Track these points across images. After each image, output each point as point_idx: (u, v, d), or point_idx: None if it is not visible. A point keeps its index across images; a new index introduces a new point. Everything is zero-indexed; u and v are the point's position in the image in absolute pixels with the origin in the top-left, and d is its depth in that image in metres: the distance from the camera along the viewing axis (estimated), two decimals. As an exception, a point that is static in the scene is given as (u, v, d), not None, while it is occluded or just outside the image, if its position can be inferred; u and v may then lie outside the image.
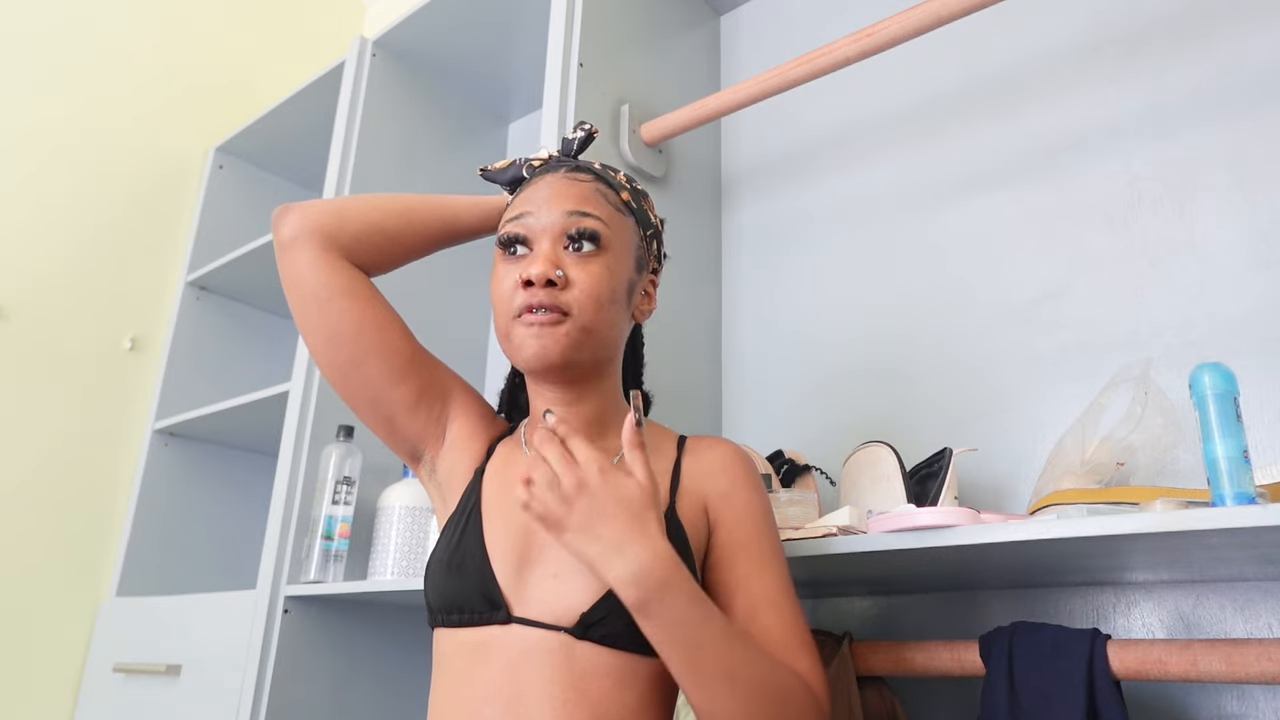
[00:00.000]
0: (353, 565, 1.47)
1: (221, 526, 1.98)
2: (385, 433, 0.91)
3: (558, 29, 1.40)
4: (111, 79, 2.02)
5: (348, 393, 0.89)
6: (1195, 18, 1.19)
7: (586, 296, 0.80)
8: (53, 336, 1.86)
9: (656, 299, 0.93)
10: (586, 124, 0.92)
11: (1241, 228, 1.10)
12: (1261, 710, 0.96)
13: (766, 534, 0.83)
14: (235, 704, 1.39)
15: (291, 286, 0.88)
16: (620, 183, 0.89)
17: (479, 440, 0.91)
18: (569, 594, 0.76)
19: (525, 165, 0.91)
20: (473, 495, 0.86)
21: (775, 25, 1.68)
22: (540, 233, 0.82)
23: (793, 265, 1.52)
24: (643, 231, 0.89)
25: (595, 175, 0.87)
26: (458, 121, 1.94)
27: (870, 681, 1.07)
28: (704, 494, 0.85)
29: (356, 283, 0.88)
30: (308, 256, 0.87)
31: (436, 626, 0.83)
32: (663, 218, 0.96)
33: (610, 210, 0.85)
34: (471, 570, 0.80)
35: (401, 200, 0.93)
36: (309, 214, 0.89)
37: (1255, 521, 0.68)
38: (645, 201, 0.92)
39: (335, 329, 0.87)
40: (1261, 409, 1.03)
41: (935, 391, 1.29)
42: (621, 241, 0.85)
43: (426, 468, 0.92)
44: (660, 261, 0.94)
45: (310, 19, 2.42)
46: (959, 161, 1.37)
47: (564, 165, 0.88)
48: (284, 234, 0.88)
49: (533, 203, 0.84)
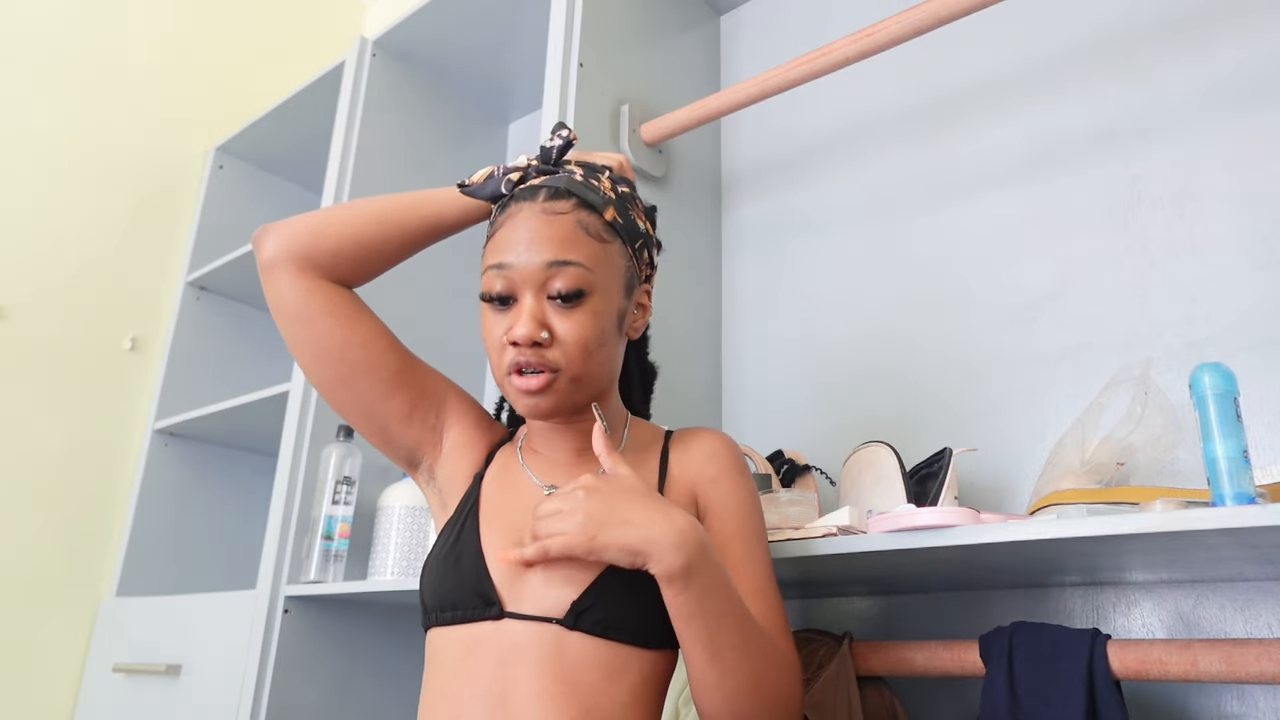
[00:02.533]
0: (353, 565, 1.47)
1: (221, 526, 1.98)
2: (380, 442, 0.91)
3: (558, 29, 1.40)
4: (112, 79, 2.02)
5: (341, 407, 0.90)
6: (1195, 18, 1.19)
7: (574, 349, 0.80)
8: (53, 336, 1.86)
9: (651, 307, 0.91)
10: (565, 130, 0.89)
11: (1241, 228, 1.10)
12: (1261, 710, 0.96)
13: (754, 521, 0.85)
14: (235, 704, 1.39)
15: (274, 309, 0.89)
16: (604, 195, 0.84)
17: (478, 447, 0.91)
18: (560, 586, 0.77)
19: (504, 179, 0.87)
20: (472, 499, 0.87)
21: (775, 25, 1.68)
22: (521, 284, 0.80)
23: (793, 265, 1.52)
24: (631, 249, 0.86)
25: (576, 200, 0.82)
26: (458, 121, 1.94)
27: (870, 681, 1.07)
28: (692, 482, 0.86)
29: (337, 301, 0.88)
30: (287, 279, 0.88)
31: (430, 626, 0.83)
32: (653, 204, 0.94)
33: (592, 246, 0.81)
34: (467, 568, 0.80)
35: (379, 204, 0.91)
36: (286, 236, 0.89)
37: (1255, 521, 0.68)
38: (633, 208, 0.88)
39: (320, 348, 0.87)
40: (1261, 409, 1.03)
41: (935, 391, 1.29)
42: (608, 276, 0.82)
43: (424, 474, 0.93)
44: (653, 264, 0.92)
45: (310, 19, 2.42)
46: (959, 161, 1.37)
47: (543, 189, 0.83)
48: (263, 257, 0.89)
49: (512, 249, 0.80)
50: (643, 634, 0.77)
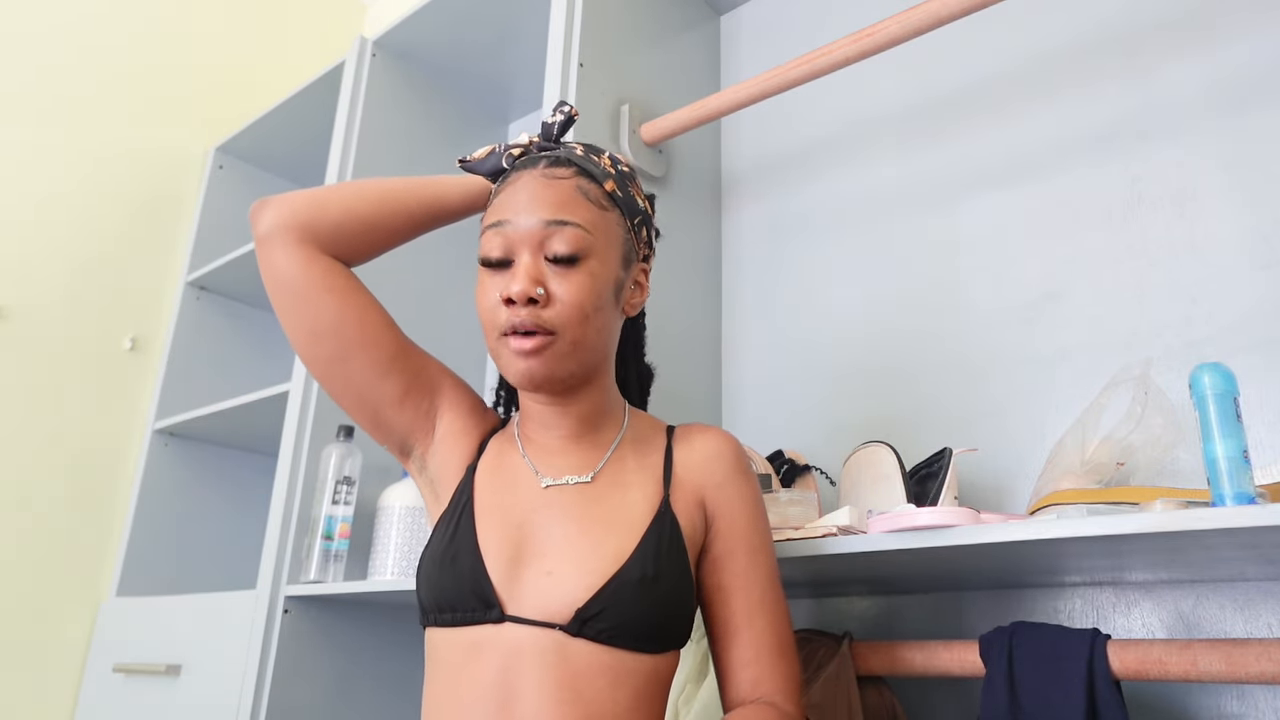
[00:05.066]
0: (353, 565, 1.47)
1: (221, 526, 1.98)
2: (372, 427, 0.89)
3: (558, 29, 1.40)
4: (112, 79, 2.02)
5: (333, 388, 0.88)
6: (1195, 18, 1.19)
7: (571, 310, 0.78)
8: (53, 336, 1.86)
9: (649, 287, 0.90)
10: (566, 105, 0.89)
11: (1241, 228, 1.10)
12: (1261, 710, 0.96)
13: (759, 527, 0.85)
14: (235, 704, 1.39)
15: (270, 282, 0.86)
16: (604, 169, 0.85)
17: (471, 436, 0.89)
18: (563, 591, 0.76)
19: (505, 154, 0.87)
20: (465, 492, 0.85)
21: (775, 25, 1.68)
22: (519, 243, 0.79)
23: (793, 265, 1.52)
24: (629, 221, 0.86)
25: (576, 168, 0.83)
26: (458, 121, 1.94)
27: (870, 681, 1.07)
28: (699, 485, 0.85)
29: (336, 276, 0.86)
30: (285, 251, 0.85)
31: (429, 626, 0.82)
32: (652, 194, 0.94)
33: (591, 211, 0.81)
34: (464, 569, 0.79)
35: (382, 185, 0.90)
36: (286, 207, 0.86)
37: (1255, 521, 0.68)
38: (633, 186, 0.88)
39: (315, 324, 0.85)
40: (1261, 409, 1.03)
41: (935, 391, 1.29)
42: (606, 242, 0.82)
43: (416, 463, 0.91)
44: (652, 246, 0.91)
45: (310, 19, 2.42)
46: (959, 162, 1.37)
47: (543, 158, 0.84)
48: (261, 228, 0.86)
49: (511, 208, 0.81)
50: (646, 640, 0.76)
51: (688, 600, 0.80)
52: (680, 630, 0.80)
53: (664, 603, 0.76)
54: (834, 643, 1.07)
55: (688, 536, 0.81)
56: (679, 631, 0.80)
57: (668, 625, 0.78)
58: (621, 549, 0.78)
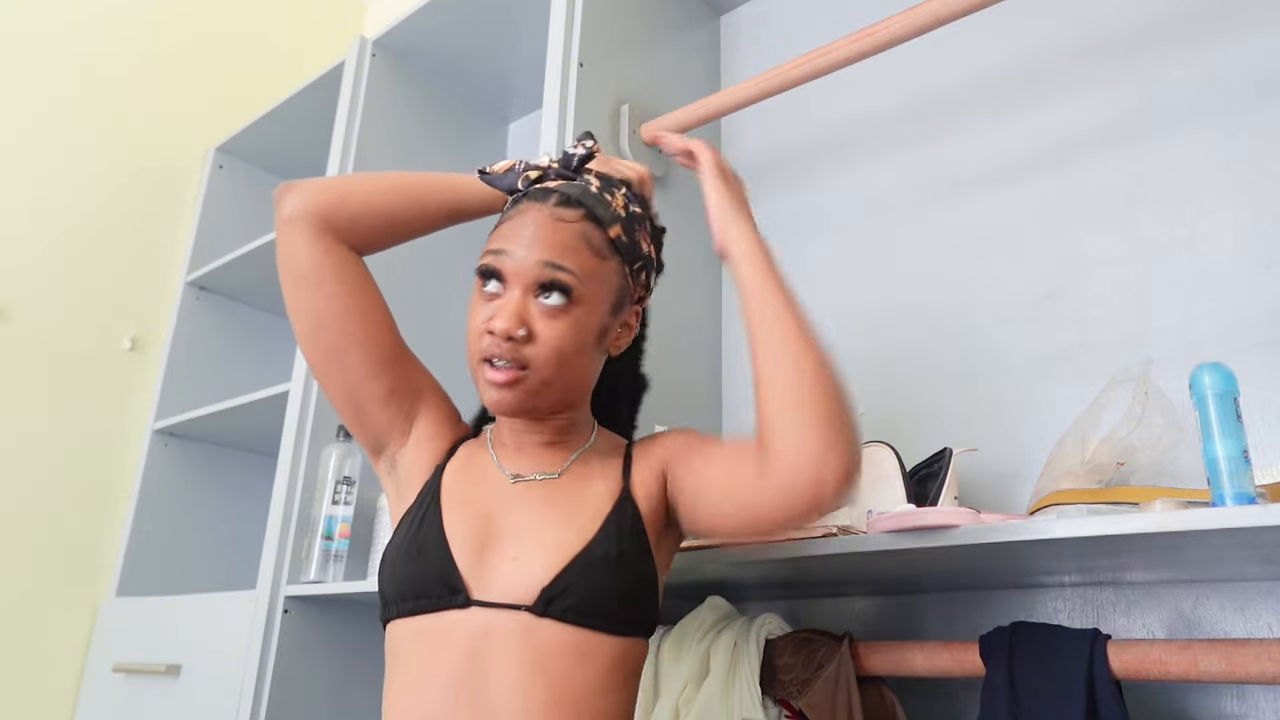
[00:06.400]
0: (353, 565, 1.47)
1: (221, 526, 1.98)
2: (353, 421, 0.91)
3: (558, 29, 1.40)
4: (112, 79, 2.02)
5: (325, 377, 0.90)
6: (1195, 18, 1.19)
7: (549, 353, 0.80)
8: (53, 336, 1.86)
9: (637, 327, 0.92)
10: (590, 140, 0.90)
11: (1241, 228, 1.10)
12: (1261, 710, 0.96)
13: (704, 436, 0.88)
14: (235, 704, 1.39)
15: (285, 266, 0.89)
16: (614, 212, 0.86)
17: (441, 440, 0.92)
18: (529, 573, 0.78)
19: (523, 175, 0.89)
20: (432, 488, 0.87)
21: (775, 25, 1.68)
22: (514, 276, 0.81)
23: (792, 265, 1.51)
24: (628, 268, 0.87)
25: (585, 211, 0.84)
26: (458, 121, 1.94)
27: (870, 681, 1.07)
28: (654, 464, 0.87)
29: (348, 267, 0.89)
30: (303, 237, 0.88)
31: (390, 619, 0.82)
32: (664, 226, 0.95)
33: (590, 260, 0.82)
34: (431, 556, 0.80)
35: (403, 180, 0.93)
36: (309, 193, 0.89)
37: (1255, 521, 0.68)
38: (640, 230, 0.89)
39: (323, 313, 0.87)
40: (1262, 409, 1.03)
41: (935, 391, 1.29)
42: (597, 292, 0.83)
43: (386, 463, 0.92)
44: (649, 288, 0.92)
45: (310, 19, 2.42)
46: (959, 161, 1.37)
47: (556, 193, 0.85)
48: (285, 211, 0.89)
49: (514, 239, 0.82)
50: (612, 619, 0.78)
51: (650, 580, 0.82)
52: (644, 613, 0.81)
53: (626, 579, 0.78)
54: (834, 643, 1.07)
55: (649, 515, 0.84)
56: (643, 615, 0.81)
57: (631, 602, 0.79)
58: (584, 531, 0.80)
